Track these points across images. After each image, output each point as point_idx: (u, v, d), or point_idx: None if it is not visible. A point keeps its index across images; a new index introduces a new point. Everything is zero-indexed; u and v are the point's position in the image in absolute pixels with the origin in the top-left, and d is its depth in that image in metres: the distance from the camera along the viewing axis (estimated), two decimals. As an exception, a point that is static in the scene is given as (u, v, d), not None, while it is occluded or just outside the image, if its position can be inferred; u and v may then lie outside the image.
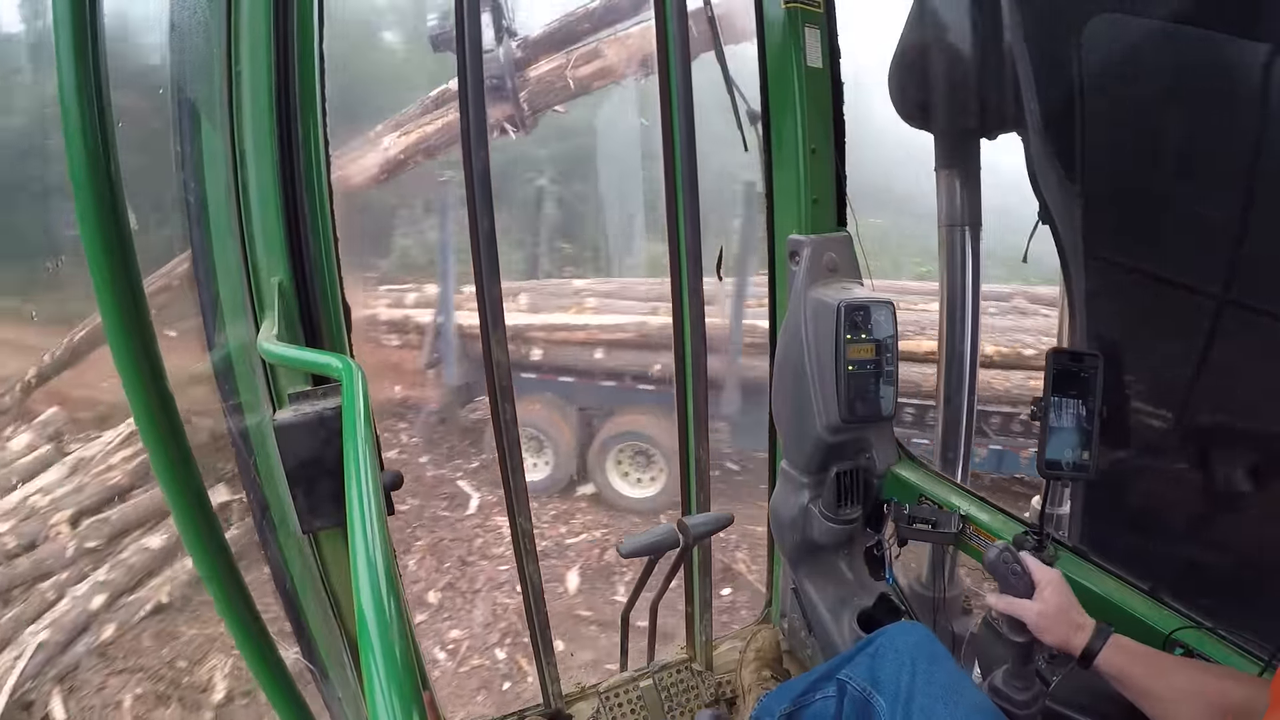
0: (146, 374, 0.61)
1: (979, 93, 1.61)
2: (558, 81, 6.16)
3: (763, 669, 1.69)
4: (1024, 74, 1.43)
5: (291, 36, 1.00)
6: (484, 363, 1.50)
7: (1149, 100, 1.26)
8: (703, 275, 1.65)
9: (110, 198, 0.56)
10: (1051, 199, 1.46)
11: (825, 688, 1.14)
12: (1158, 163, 1.29)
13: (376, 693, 0.38)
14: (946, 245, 1.82)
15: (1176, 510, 1.41)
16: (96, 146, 0.54)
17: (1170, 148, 1.26)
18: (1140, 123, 1.28)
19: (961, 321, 1.83)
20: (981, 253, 1.82)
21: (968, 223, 1.80)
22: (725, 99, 1.58)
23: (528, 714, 1.78)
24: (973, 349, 1.87)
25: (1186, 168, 1.26)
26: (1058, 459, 1.24)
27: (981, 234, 1.83)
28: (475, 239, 1.40)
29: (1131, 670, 0.92)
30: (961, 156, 1.78)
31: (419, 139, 5.93)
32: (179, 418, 0.64)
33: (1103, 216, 1.38)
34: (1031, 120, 1.45)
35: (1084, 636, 0.95)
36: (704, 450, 1.77)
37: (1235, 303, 1.20)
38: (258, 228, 1.02)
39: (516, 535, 1.60)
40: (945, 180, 1.80)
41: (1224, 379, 1.27)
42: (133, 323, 0.59)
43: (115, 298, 0.58)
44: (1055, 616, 0.98)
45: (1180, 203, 1.26)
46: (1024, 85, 1.44)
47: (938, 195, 1.82)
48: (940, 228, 1.83)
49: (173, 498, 0.66)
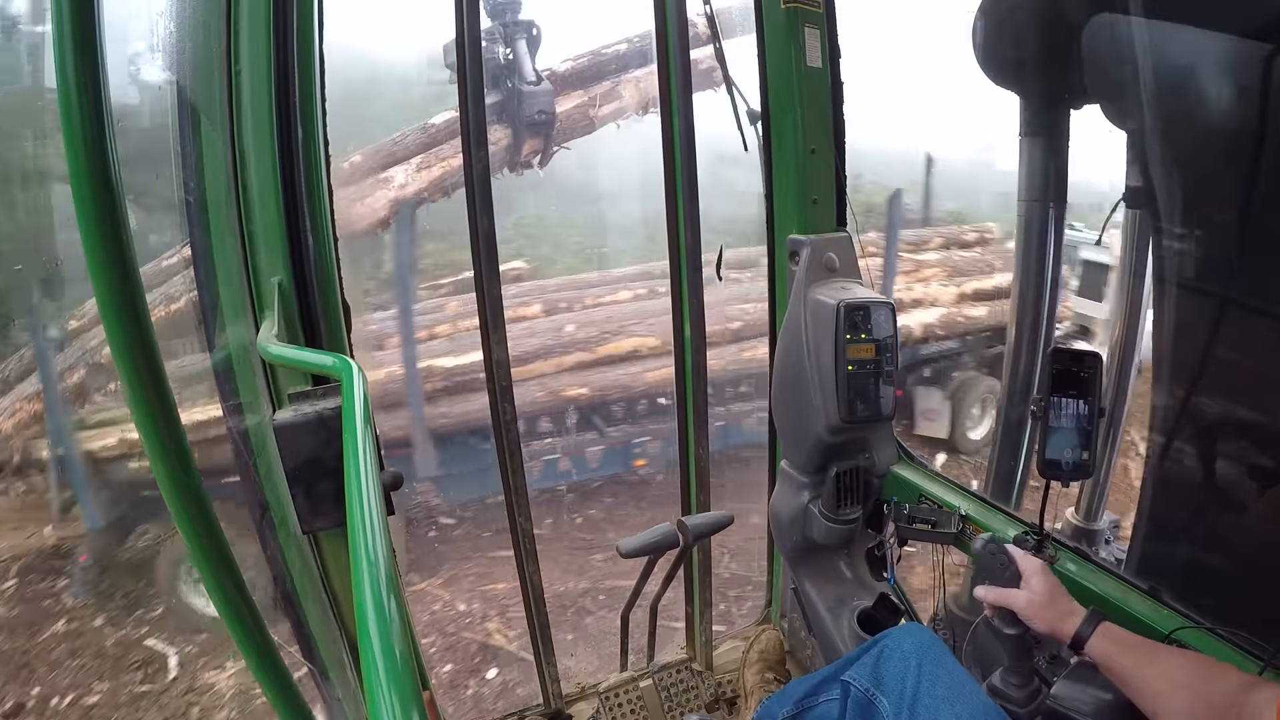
0: (146, 374, 0.61)
1: (1079, 52, 1.35)
2: (582, 120, 6.16)
3: (766, 670, 1.69)
4: (1140, 36, 1.19)
5: (291, 36, 1.00)
6: (484, 362, 1.50)
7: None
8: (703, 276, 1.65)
9: (110, 198, 0.56)
10: (1159, 182, 1.25)
11: (829, 690, 1.13)
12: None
13: (376, 693, 0.38)
14: (1024, 223, 1.62)
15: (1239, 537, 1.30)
16: (96, 147, 0.54)
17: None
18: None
19: (1036, 310, 1.63)
20: (1064, 234, 1.59)
21: (1054, 198, 1.59)
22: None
23: (528, 714, 1.78)
24: (1047, 341, 1.67)
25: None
26: (1057, 459, 1.24)
27: (1066, 211, 1.59)
28: (475, 239, 1.40)
29: (1120, 658, 0.92)
30: (1050, 124, 1.56)
31: (442, 174, 5.31)
32: (179, 418, 0.64)
33: (1205, 211, 1.18)
34: (1146, 91, 1.22)
35: (1074, 622, 0.97)
36: (704, 450, 1.77)
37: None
38: (258, 228, 1.02)
39: (516, 535, 1.60)
40: (1029, 149, 1.59)
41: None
42: (133, 323, 0.59)
43: (115, 298, 0.58)
44: (1044, 603, 1.00)
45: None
46: (1139, 50, 1.20)
47: (1019, 166, 1.62)
48: (1020, 201, 1.63)
49: (172, 498, 0.66)
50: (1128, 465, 4.65)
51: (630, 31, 6.35)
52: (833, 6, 1.52)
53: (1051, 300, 1.64)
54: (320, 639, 1.27)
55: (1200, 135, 1.18)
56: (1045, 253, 1.60)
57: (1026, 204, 1.59)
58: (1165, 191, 1.27)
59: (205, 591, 0.93)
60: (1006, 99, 1.54)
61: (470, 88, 1.34)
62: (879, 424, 1.50)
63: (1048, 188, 1.58)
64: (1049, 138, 1.56)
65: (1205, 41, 1.11)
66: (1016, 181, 1.67)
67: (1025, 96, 1.55)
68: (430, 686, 1.75)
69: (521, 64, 5.30)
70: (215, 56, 1.01)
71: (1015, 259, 1.63)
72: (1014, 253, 1.65)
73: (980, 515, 1.37)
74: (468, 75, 1.34)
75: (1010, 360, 1.67)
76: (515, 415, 1.52)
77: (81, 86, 0.53)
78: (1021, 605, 1.01)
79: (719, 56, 1.64)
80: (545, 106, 5.47)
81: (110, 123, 0.55)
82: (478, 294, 1.45)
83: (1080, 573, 1.19)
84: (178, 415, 0.64)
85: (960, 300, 6.41)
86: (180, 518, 0.67)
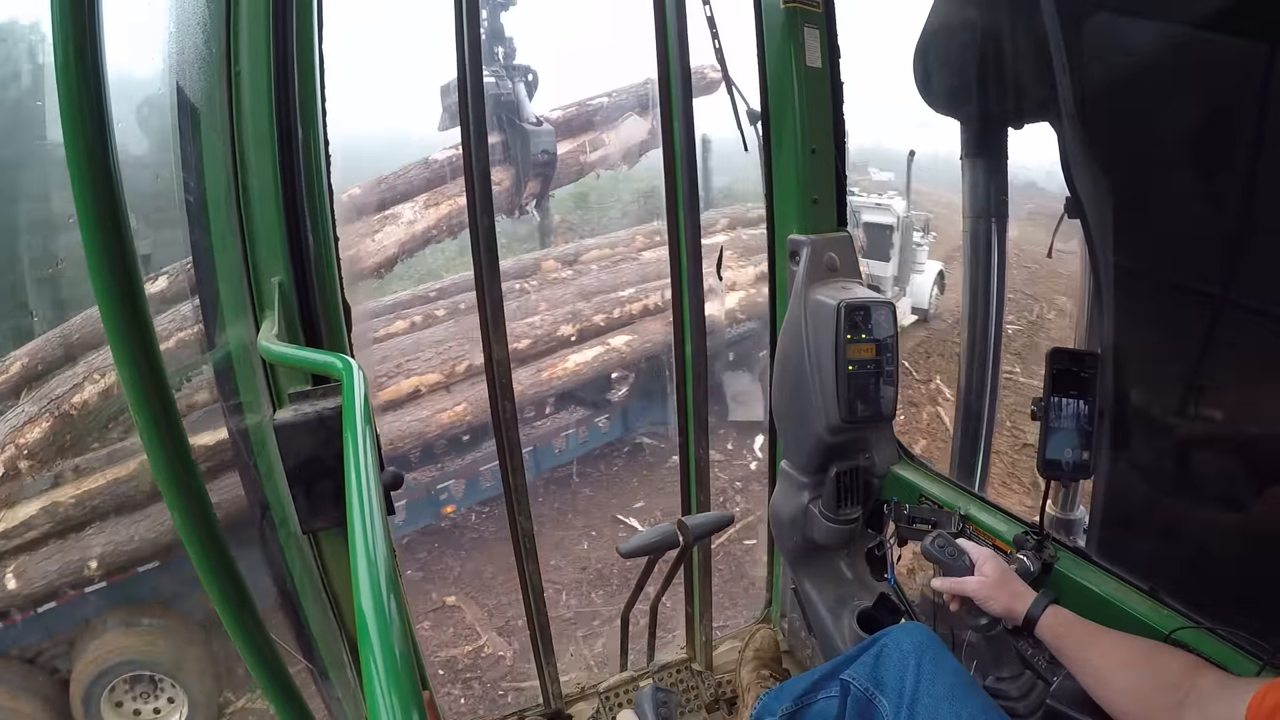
0: (146, 374, 0.61)
1: (1010, 78, 1.53)
2: (573, 165, 6.29)
3: (761, 668, 1.69)
4: (1058, 58, 1.36)
5: (291, 36, 1.00)
6: (484, 361, 1.50)
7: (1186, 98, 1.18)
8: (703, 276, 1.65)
9: (110, 198, 0.56)
10: (1085, 193, 1.40)
11: (828, 688, 1.14)
12: (1186, 164, 1.22)
13: (376, 693, 0.38)
14: (971, 236, 1.78)
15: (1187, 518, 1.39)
16: (96, 147, 0.54)
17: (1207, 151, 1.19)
18: (1177, 121, 1.20)
19: (985, 316, 1.80)
20: (1006, 244, 1.78)
21: (995, 214, 1.76)
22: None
23: (528, 714, 1.78)
24: (996, 343, 1.84)
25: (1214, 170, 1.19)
26: (1057, 459, 1.24)
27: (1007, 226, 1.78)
28: (475, 239, 1.40)
29: (1068, 637, 0.96)
30: (989, 145, 1.72)
31: (450, 211, 5.28)
32: (179, 418, 0.64)
33: (1135, 217, 1.31)
34: (1065, 108, 1.38)
35: (1024, 603, 1.02)
36: (704, 450, 1.77)
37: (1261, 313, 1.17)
38: (258, 228, 1.02)
39: (516, 535, 1.60)
40: (971, 169, 1.75)
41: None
42: (133, 323, 0.59)
43: (115, 298, 0.58)
44: (996, 586, 1.05)
45: (1205, 206, 1.21)
46: (1058, 71, 1.37)
47: (963, 185, 1.77)
48: (965, 218, 1.79)
49: (172, 498, 0.66)
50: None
51: (614, 85, 6.80)
52: (832, 6, 1.52)
53: (999, 303, 1.78)
54: (320, 639, 1.27)
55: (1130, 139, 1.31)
56: (991, 263, 1.76)
57: (971, 220, 1.74)
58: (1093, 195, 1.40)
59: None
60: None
61: (471, 88, 1.34)
62: (879, 424, 1.50)
63: (990, 204, 1.73)
64: (989, 158, 1.71)
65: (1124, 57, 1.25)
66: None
67: (964, 121, 1.70)
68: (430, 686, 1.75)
69: (521, 105, 5.40)
70: (215, 56, 1.00)
71: (964, 269, 1.78)
72: (963, 264, 1.83)
73: (980, 515, 1.37)
74: (468, 76, 1.34)
75: (965, 358, 1.82)
76: (515, 415, 1.52)
77: (81, 88, 0.53)
78: (974, 589, 1.05)
79: (719, 56, 1.64)
80: (549, 147, 5.63)
81: (110, 123, 0.55)
82: (478, 294, 1.45)
83: (1080, 573, 1.19)
84: (178, 415, 0.64)
85: (758, 280, 6.36)
86: (180, 518, 0.67)
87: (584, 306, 5.58)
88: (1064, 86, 1.37)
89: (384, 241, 5.15)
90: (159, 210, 1.92)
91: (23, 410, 3.47)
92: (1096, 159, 1.36)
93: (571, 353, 5.30)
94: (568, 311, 5.48)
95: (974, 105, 1.63)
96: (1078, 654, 0.94)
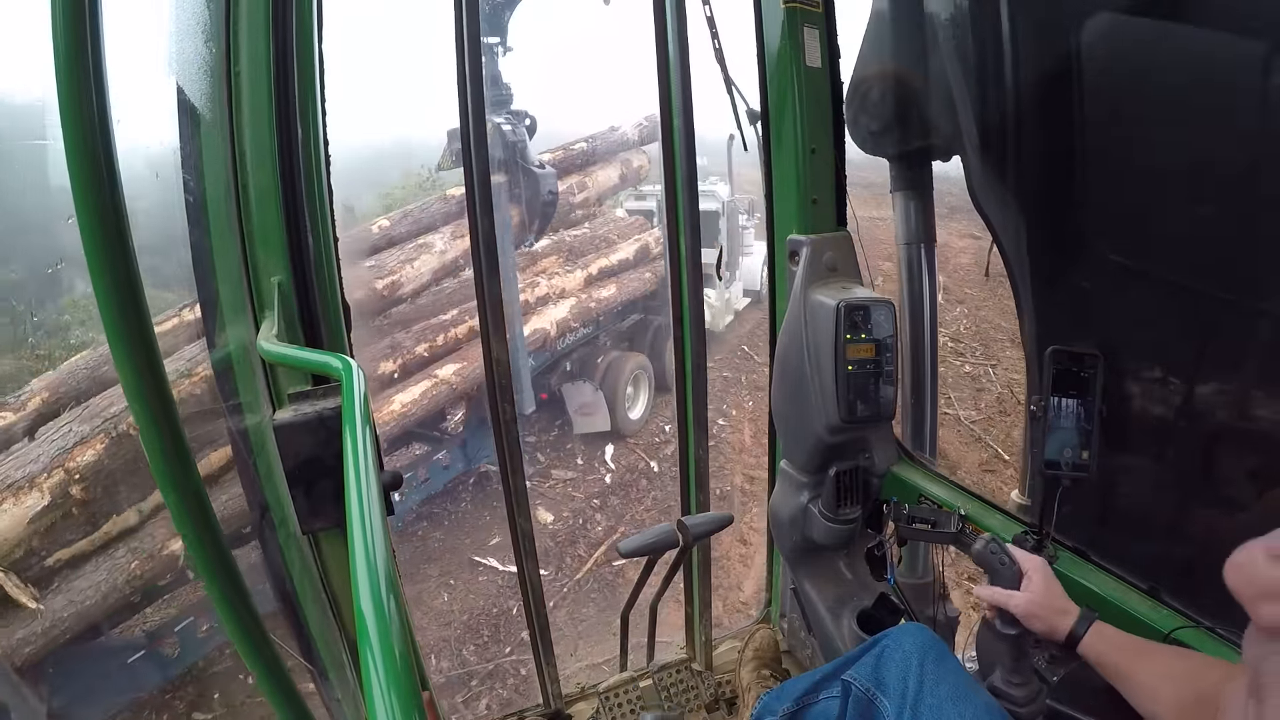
0: (146, 374, 0.61)
1: (925, 118, 1.73)
2: (564, 206, 6.37)
3: (761, 668, 1.69)
4: (959, 96, 1.52)
5: (291, 37, 1.00)
6: (484, 361, 1.50)
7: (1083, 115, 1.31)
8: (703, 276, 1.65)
9: (110, 198, 0.56)
10: (995, 218, 1.54)
11: (829, 688, 1.13)
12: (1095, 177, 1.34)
13: (376, 693, 0.38)
14: (905, 262, 1.98)
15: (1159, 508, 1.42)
16: (96, 148, 0.54)
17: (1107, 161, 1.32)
18: (1079, 140, 1.33)
19: (921, 331, 1.98)
20: (936, 267, 2.01)
21: (923, 240, 1.95)
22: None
23: (528, 714, 1.78)
24: (932, 357, 2.02)
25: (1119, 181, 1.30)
26: (1057, 458, 1.24)
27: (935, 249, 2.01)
28: (475, 239, 1.40)
29: (1112, 655, 0.94)
30: (915, 179, 1.91)
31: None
32: (179, 418, 0.64)
33: (1045, 233, 1.44)
34: (969, 141, 1.53)
35: (1069, 621, 0.98)
36: (703, 450, 1.77)
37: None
38: (257, 227, 1.02)
39: (516, 535, 1.60)
40: (901, 202, 1.94)
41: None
42: (133, 323, 0.59)
43: (115, 298, 0.58)
44: (1042, 604, 1.01)
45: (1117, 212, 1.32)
46: (960, 108, 1.53)
47: (895, 216, 1.96)
48: (899, 245, 1.98)
49: (172, 498, 0.66)
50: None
51: (593, 129, 7.06)
52: (832, 6, 1.52)
53: (932, 318, 1.98)
54: (320, 639, 1.27)
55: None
56: (923, 285, 1.96)
57: (905, 246, 1.96)
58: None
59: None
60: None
61: (470, 88, 1.34)
62: (879, 424, 1.50)
63: (919, 231, 1.94)
64: (916, 190, 1.91)
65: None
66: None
67: (891, 160, 1.90)
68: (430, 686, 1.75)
69: (524, 149, 5.53)
70: (215, 56, 1.00)
71: (899, 290, 1.98)
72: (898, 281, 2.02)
73: (980, 515, 1.37)
74: (468, 76, 1.34)
75: (904, 368, 2.00)
76: (515, 415, 1.53)
77: (81, 88, 0.53)
78: (1021, 605, 1.02)
79: (719, 56, 1.64)
80: (553, 188, 5.75)
81: (110, 123, 0.55)
82: (478, 294, 1.45)
83: (1080, 572, 1.20)
84: (178, 415, 0.64)
85: (588, 284, 6.22)
86: (180, 518, 0.67)
87: (403, 337, 5.02)
88: (966, 121, 1.52)
89: (420, 269, 5.32)
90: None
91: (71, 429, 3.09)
92: (1005, 186, 1.52)
93: (395, 392, 4.72)
94: (385, 346, 4.92)
95: (894, 146, 1.84)
96: (1121, 672, 0.93)
